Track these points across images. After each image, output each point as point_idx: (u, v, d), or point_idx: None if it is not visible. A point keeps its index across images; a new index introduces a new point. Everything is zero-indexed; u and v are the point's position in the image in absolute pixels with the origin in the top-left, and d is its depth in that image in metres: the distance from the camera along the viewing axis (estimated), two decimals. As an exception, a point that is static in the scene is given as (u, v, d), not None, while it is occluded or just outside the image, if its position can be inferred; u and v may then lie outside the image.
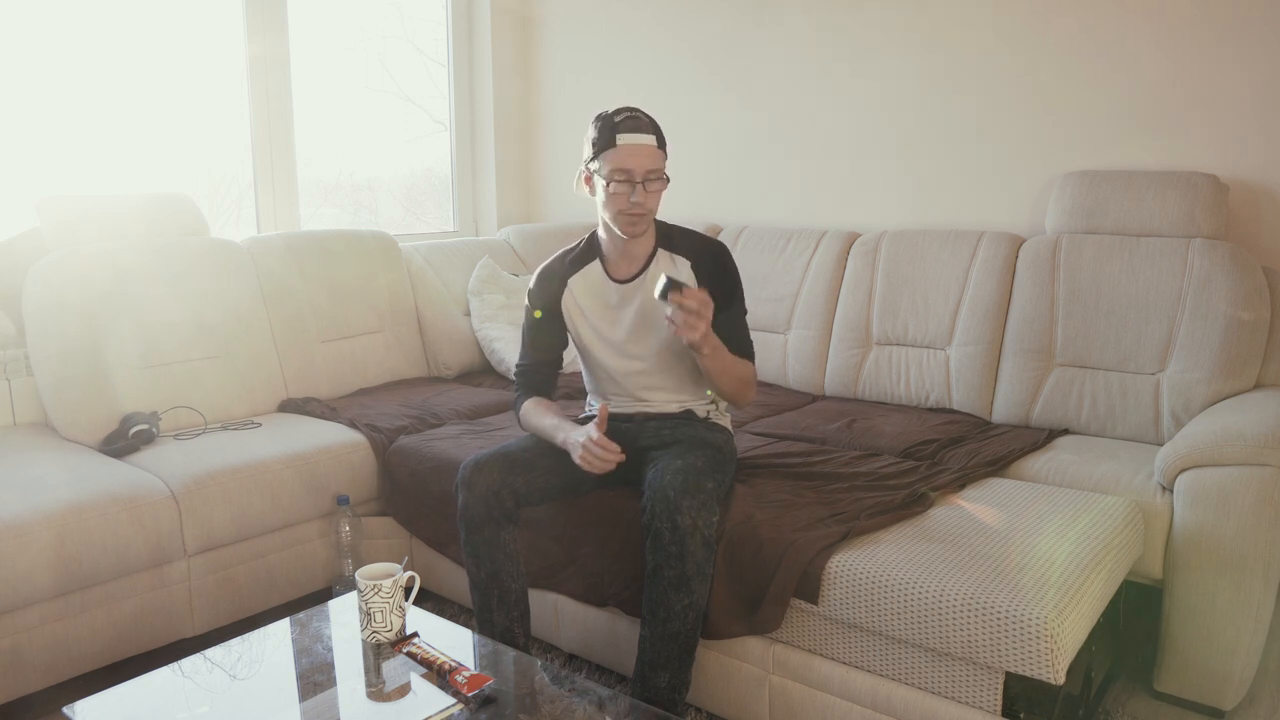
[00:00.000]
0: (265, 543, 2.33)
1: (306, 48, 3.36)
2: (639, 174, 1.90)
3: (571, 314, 2.11)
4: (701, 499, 1.78)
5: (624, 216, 1.94)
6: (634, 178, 1.90)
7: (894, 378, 2.80)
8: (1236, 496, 1.88)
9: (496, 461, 1.94)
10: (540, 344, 2.15)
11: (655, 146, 1.93)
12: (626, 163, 1.89)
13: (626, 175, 1.90)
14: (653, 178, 1.92)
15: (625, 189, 1.91)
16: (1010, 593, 1.59)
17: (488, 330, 3.19)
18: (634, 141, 1.90)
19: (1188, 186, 2.42)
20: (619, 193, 1.91)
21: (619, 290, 2.07)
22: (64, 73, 2.78)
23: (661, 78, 3.56)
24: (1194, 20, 2.50)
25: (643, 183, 1.91)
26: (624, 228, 1.96)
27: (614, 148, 1.90)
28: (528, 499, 1.97)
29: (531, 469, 1.97)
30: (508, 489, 1.92)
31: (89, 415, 2.41)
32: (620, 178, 1.90)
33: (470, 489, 1.92)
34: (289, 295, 2.90)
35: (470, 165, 4.02)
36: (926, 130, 2.99)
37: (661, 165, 1.94)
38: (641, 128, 1.91)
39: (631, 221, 1.94)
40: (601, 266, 2.09)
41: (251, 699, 1.47)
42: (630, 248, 2.05)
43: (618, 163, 1.90)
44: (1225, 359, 2.29)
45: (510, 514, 1.94)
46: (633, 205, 1.91)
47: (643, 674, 1.84)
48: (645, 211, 1.93)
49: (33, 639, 1.95)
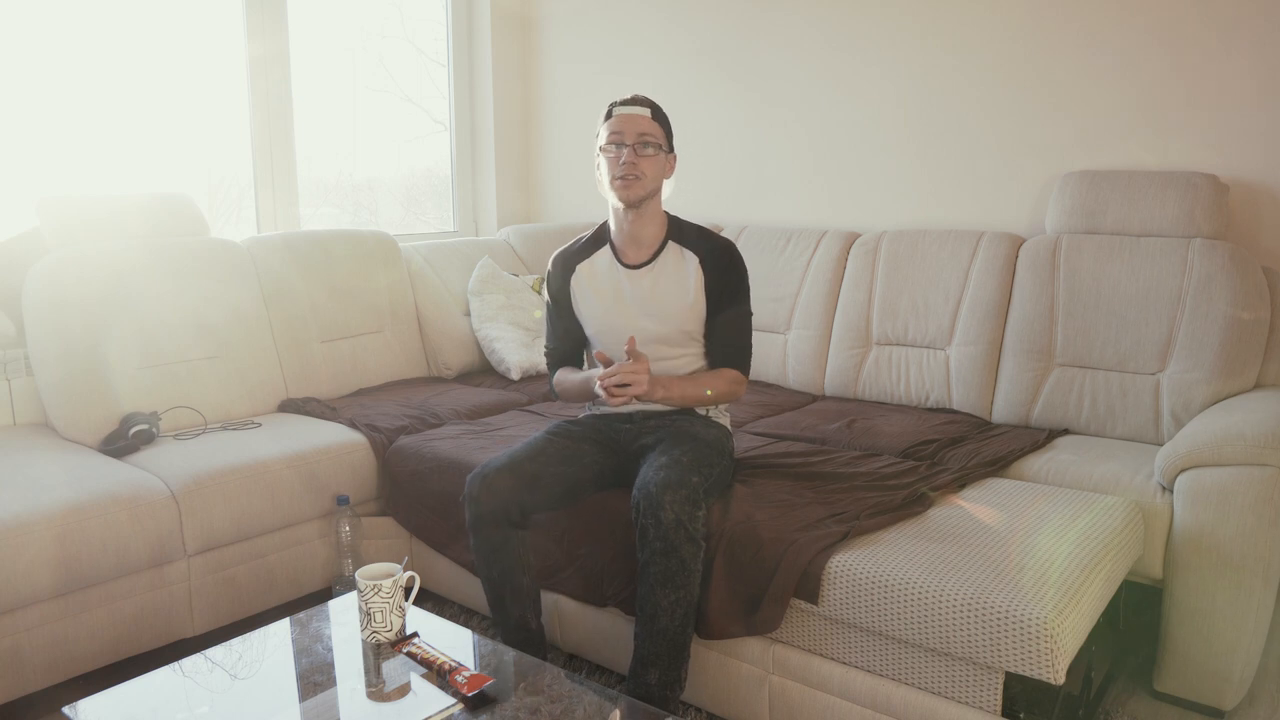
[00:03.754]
0: (265, 543, 2.33)
1: (306, 48, 3.36)
2: (629, 137, 1.99)
3: (577, 299, 2.15)
4: (685, 493, 1.78)
5: (618, 181, 2.00)
6: (624, 140, 1.99)
7: (894, 378, 2.80)
8: (1236, 496, 1.88)
9: (505, 476, 1.95)
10: (559, 330, 2.22)
11: (649, 117, 2.02)
12: (618, 126, 2.01)
13: (618, 138, 2.00)
14: (646, 142, 2.00)
15: (617, 151, 1.99)
16: (1010, 593, 1.59)
17: (488, 330, 3.19)
18: (627, 111, 2.02)
19: (1188, 186, 2.42)
20: (612, 156, 2.00)
21: (628, 274, 2.10)
22: (64, 73, 2.78)
23: (662, 78, 3.56)
24: (1194, 20, 2.50)
25: (634, 145, 1.99)
26: (619, 191, 2.01)
27: (610, 118, 2.03)
28: (535, 509, 1.98)
29: (538, 480, 1.97)
30: (515, 504, 1.94)
31: (89, 415, 2.41)
32: (614, 140, 2.00)
33: (478, 504, 1.93)
34: (289, 295, 2.90)
35: (470, 165, 4.02)
36: (927, 130, 2.99)
37: (657, 134, 2.02)
38: (637, 102, 2.04)
39: (625, 185, 2.00)
40: (612, 252, 2.14)
41: (251, 699, 1.47)
42: (636, 231, 2.08)
43: (611, 129, 2.01)
44: (1225, 359, 2.29)
45: (519, 524, 1.96)
46: (623, 166, 1.98)
47: (635, 670, 1.86)
48: (639, 175, 1.99)
49: (33, 639, 1.95)
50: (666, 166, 2.06)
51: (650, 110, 2.02)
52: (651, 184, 2.02)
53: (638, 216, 2.06)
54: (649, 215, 2.07)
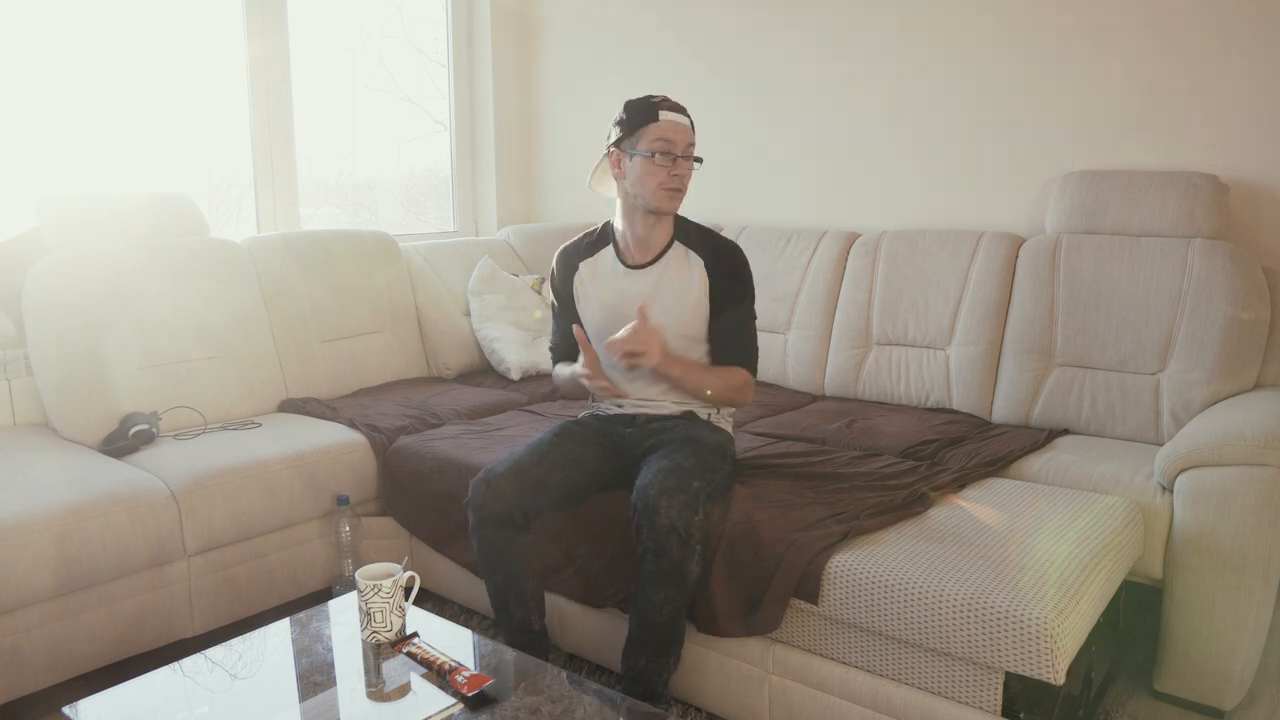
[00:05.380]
0: (265, 543, 2.33)
1: (306, 48, 3.36)
2: (680, 147, 1.97)
3: (580, 297, 2.15)
4: (683, 499, 1.78)
5: (663, 190, 1.98)
6: (675, 150, 1.96)
7: (894, 378, 2.80)
8: (1236, 496, 1.88)
9: (509, 480, 1.95)
10: (563, 328, 2.22)
11: (689, 127, 2.01)
12: (670, 134, 1.96)
13: (669, 147, 1.96)
14: (689, 154, 1.99)
15: (668, 161, 1.96)
16: (1010, 593, 1.59)
17: (488, 330, 3.19)
18: (677, 119, 1.99)
19: (1188, 186, 2.42)
20: (662, 164, 1.97)
21: (629, 274, 2.09)
22: (65, 73, 2.78)
23: (662, 78, 3.55)
24: (1194, 20, 2.50)
25: (684, 156, 1.98)
26: (663, 201, 1.99)
27: (656, 122, 1.96)
28: (538, 511, 1.99)
29: (542, 484, 1.97)
30: (519, 508, 1.94)
31: (89, 415, 2.41)
32: (664, 148, 1.96)
33: (482, 509, 1.94)
34: (289, 295, 2.90)
35: (470, 165, 4.02)
36: (927, 130, 2.99)
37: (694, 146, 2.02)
38: (680, 109, 2.01)
39: (671, 195, 1.99)
40: (615, 253, 2.13)
41: (251, 699, 1.47)
42: (648, 235, 2.08)
43: (661, 134, 1.96)
44: (1225, 359, 2.29)
45: (522, 528, 1.96)
46: (674, 178, 1.97)
47: (627, 652, 1.90)
48: (683, 187, 2.00)
49: (33, 639, 1.95)
50: None
51: (689, 119, 2.02)
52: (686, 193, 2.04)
53: (657, 222, 2.06)
54: (666, 220, 2.08)
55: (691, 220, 2.15)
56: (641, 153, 1.97)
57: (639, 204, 2.02)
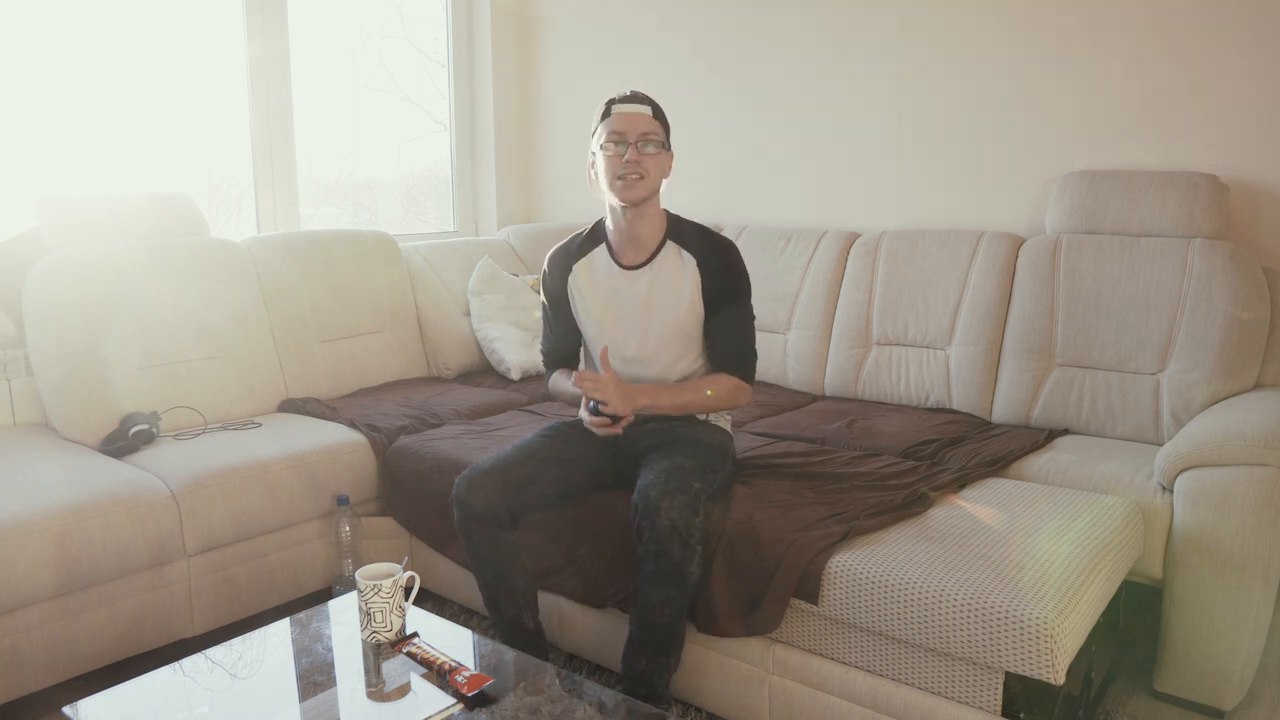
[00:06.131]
0: (265, 543, 2.33)
1: (306, 48, 3.36)
2: (632, 135, 1.95)
3: (575, 299, 2.13)
4: (684, 500, 1.78)
5: (619, 182, 1.97)
6: (627, 139, 1.95)
7: (894, 378, 2.80)
8: (1236, 496, 1.88)
9: (492, 479, 1.94)
10: (557, 331, 2.20)
11: (650, 115, 1.99)
12: (619, 125, 1.96)
13: (619, 137, 1.96)
14: (648, 140, 1.97)
15: (619, 150, 1.95)
16: (1010, 593, 1.59)
17: (488, 330, 3.19)
18: (628, 110, 1.98)
19: (1188, 186, 2.42)
20: (613, 155, 1.96)
21: (624, 275, 2.08)
22: (64, 73, 2.78)
23: (662, 78, 3.55)
24: (1194, 20, 2.50)
25: (636, 144, 1.95)
26: (620, 193, 1.98)
27: (609, 117, 1.98)
28: (524, 510, 1.98)
29: (528, 484, 1.96)
30: (504, 506, 1.93)
31: (89, 415, 2.41)
32: (615, 139, 1.96)
33: (465, 507, 1.93)
34: (289, 295, 2.90)
35: (470, 165, 4.02)
36: (927, 130, 2.99)
37: (658, 132, 1.99)
38: (636, 99, 1.99)
39: (628, 185, 1.96)
40: (608, 252, 2.11)
41: (251, 699, 1.47)
42: (637, 232, 2.06)
43: (611, 127, 1.97)
44: (1225, 359, 2.29)
45: (507, 525, 1.95)
46: (626, 165, 1.94)
47: (627, 652, 1.89)
48: (641, 174, 1.96)
49: (33, 639, 1.95)
50: (666, 165, 2.04)
51: (651, 108, 2.00)
52: (654, 183, 2.00)
53: (637, 216, 2.03)
54: (648, 215, 2.05)
55: (687, 219, 2.13)
56: (599, 149, 2.00)
57: (609, 200, 2.04)
